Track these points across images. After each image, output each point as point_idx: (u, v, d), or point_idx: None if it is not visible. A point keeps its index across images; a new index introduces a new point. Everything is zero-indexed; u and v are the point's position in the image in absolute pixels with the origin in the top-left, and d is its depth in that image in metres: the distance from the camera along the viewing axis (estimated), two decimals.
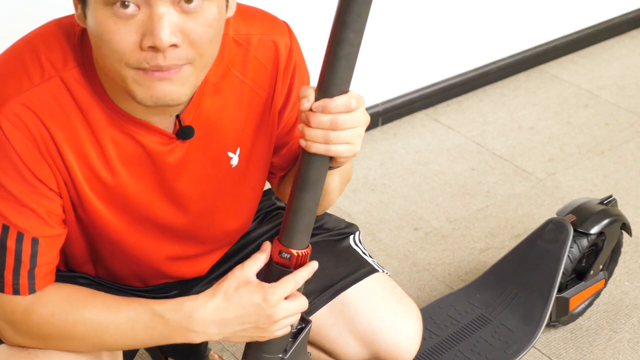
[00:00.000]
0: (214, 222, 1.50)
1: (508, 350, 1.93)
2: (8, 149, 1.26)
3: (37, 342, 1.36)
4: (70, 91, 1.28)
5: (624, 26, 3.45)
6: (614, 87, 3.14)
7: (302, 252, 1.36)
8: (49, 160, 1.29)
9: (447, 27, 2.94)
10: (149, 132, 1.34)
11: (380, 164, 2.74)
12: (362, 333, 1.60)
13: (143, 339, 1.35)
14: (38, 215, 1.30)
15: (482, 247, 2.41)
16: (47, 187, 1.30)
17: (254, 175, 1.49)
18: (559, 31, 3.27)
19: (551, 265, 2.03)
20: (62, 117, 1.29)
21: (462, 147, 2.82)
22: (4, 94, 1.26)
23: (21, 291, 1.32)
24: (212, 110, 1.38)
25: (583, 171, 2.71)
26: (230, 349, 2.09)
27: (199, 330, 1.34)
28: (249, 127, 1.43)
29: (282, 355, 1.43)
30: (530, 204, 2.57)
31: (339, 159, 1.31)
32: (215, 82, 1.37)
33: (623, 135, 2.88)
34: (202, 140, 1.39)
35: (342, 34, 1.20)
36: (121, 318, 1.33)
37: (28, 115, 1.26)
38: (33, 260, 1.32)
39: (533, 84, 3.16)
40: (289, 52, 1.42)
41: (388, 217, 2.52)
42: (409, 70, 2.91)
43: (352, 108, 1.26)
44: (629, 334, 2.14)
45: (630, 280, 2.29)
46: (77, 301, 1.34)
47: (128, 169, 1.35)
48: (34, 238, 1.31)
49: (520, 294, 2.04)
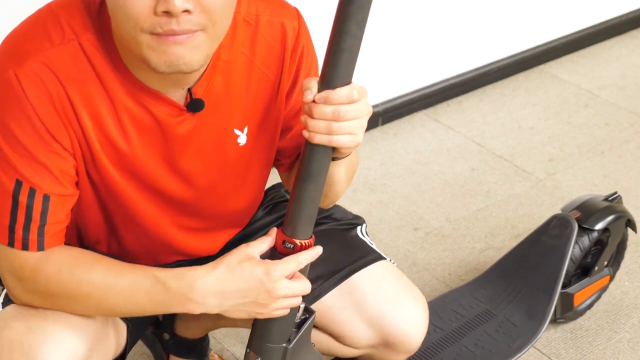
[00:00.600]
0: (219, 199, 1.52)
1: (512, 345, 1.94)
2: (26, 105, 1.30)
3: (43, 301, 1.38)
4: (88, 56, 1.32)
5: (624, 26, 3.45)
6: (614, 87, 3.14)
7: (306, 242, 1.37)
8: (64, 119, 1.33)
9: (447, 27, 2.94)
10: (161, 103, 1.37)
11: (380, 164, 2.74)
12: (371, 316, 1.62)
13: (144, 304, 1.37)
14: (51, 173, 1.33)
15: (482, 247, 2.41)
16: (61, 145, 1.34)
17: (260, 156, 1.51)
18: (559, 31, 3.27)
19: (555, 261, 2.04)
20: (79, 80, 1.32)
21: (462, 147, 2.82)
22: (24, 52, 1.30)
23: (30, 247, 1.35)
24: (223, 87, 1.41)
25: (583, 171, 2.71)
26: (230, 349, 2.09)
27: (199, 301, 1.36)
28: (257, 107, 1.46)
29: (285, 344, 1.44)
30: (530, 204, 2.57)
31: (341, 149, 1.33)
32: (227, 59, 1.40)
33: (623, 135, 2.88)
34: (211, 116, 1.42)
35: (344, 25, 1.22)
36: (124, 281, 1.36)
37: (46, 74, 1.30)
38: (43, 217, 1.35)
39: (533, 84, 3.16)
40: (297, 35, 1.45)
41: (388, 217, 2.52)
42: (409, 70, 2.91)
43: (354, 99, 1.28)
44: (629, 334, 2.14)
45: (630, 280, 2.29)
46: (83, 262, 1.37)
47: (139, 137, 1.39)
48: (46, 195, 1.34)
49: (525, 290, 2.05)
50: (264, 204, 1.72)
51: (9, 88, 1.30)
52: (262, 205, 1.71)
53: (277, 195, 1.74)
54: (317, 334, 1.66)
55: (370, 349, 1.67)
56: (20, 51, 1.31)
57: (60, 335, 1.38)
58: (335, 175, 1.47)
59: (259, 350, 1.44)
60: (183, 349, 1.91)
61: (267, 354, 1.44)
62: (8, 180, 1.32)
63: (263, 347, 1.44)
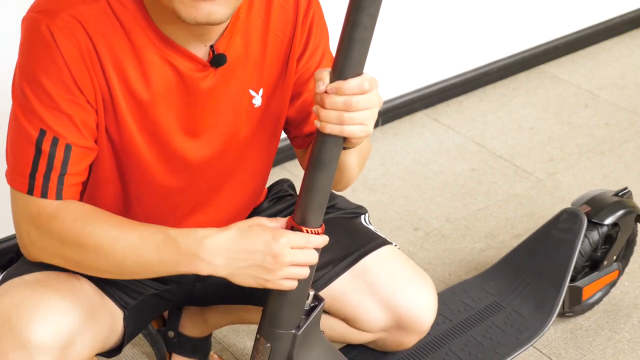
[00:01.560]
0: (227, 168, 1.55)
1: (520, 337, 1.95)
2: (56, 54, 1.35)
3: (56, 247, 1.41)
4: (116, 13, 1.37)
5: (624, 26, 3.45)
6: (614, 87, 3.14)
7: (316, 230, 1.39)
8: (92, 72, 1.37)
9: (447, 27, 2.94)
10: (185, 58, 1.42)
11: (380, 164, 2.74)
12: (383, 297, 1.66)
13: (152, 259, 1.39)
14: (74, 124, 1.38)
15: (482, 247, 2.41)
16: (85, 98, 1.38)
17: (270, 122, 1.55)
18: (559, 31, 3.27)
19: (564, 255, 2.05)
20: (107, 35, 1.37)
21: (462, 147, 2.82)
22: (57, 6, 1.36)
23: (49, 194, 1.39)
24: (242, 46, 1.46)
25: (583, 171, 2.71)
26: (230, 349, 2.09)
27: (206, 259, 1.37)
28: (272, 70, 1.51)
29: (295, 331, 1.46)
30: (530, 204, 2.57)
31: (352, 139, 1.35)
32: (245, 20, 1.45)
33: (623, 135, 2.89)
34: (231, 74, 1.46)
35: (356, 17, 1.25)
36: (135, 234, 1.39)
37: (77, 27, 1.35)
38: (64, 166, 1.39)
39: (533, 84, 3.16)
40: (309, 2, 1.51)
41: (388, 217, 2.52)
42: (409, 70, 2.91)
43: (365, 90, 1.31)
44: (629, 334, 2.14)
45: (630, 280, 2.29)
46: (98, 216, 1.41)
47: (163, 93, 1.43)
48: (68, 144, 1.38)
49: (534, 283, 2.06)
50: (269, 197, 1.76)
51: (41, 40, 1.35)
52: (267, 199, 1.75)
53: (282, 190, 1.78)
54: (329, 320, 1.69)
55: (383, 332, 1.69)
56: (52, 6, 1.36)
57: (48, 311, 1.40)
58: (348, 162, 1.50)
59: (268, 336, 1.46)
60: (187, 348, 1.92)
61: (277, 340, 1.46)
62: (32, 129, 1.37)
63: (272, 333, 1.46)
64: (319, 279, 1.64)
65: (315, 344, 1.52)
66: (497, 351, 1.91)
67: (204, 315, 1.88)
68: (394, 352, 1.78)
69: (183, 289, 1.67)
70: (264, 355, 1.47)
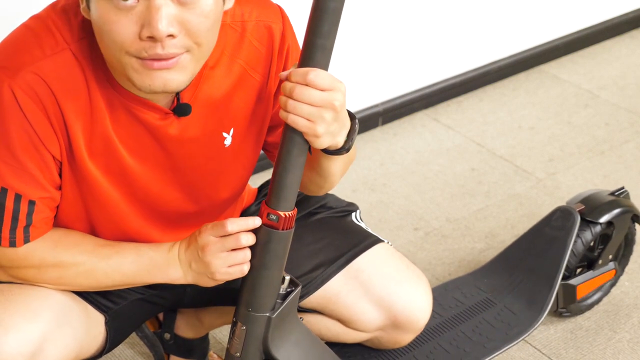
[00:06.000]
0: (203, 195, 1.55)
1: (510, 332, 1.96)
2: (20, 116, 1.32)
3: (34, 274, 1.44)
4: (81, 64, 1.34)
5: (624, 26, 3.45)
6: (614, 87, 3.14)
7: (289, 213, 1.41)
8: (56, 129, 1.35)
9: (447, 27, 2.94)
10: (148, 109, 1.39)
11: (380, 164, 2.74)
12: (378, 296, 1.65)
13: (129, 273, 1.46)
14: (37, 182, 1.37)
15: (482, 247, 2.41)
16: (51, 154, 1.37)
17: (247, 154, 1.54)
18: (559, 31, 3.27)
19: (557, 252, 2.05)
20: (70, 89, 1.34)
21: (462, 147, 2.82)
22: (18, 63, 1.32)
23: (17, 244, 1.40)
24: (210, 92, 1.43)
25: (583, 171, 2.71)
26: None
27: (176, 270, 1.46)
28: (244, 109, 1.48)
29: (269, 314, 1.47)
30: (530, 204, 2.57)
31: (307, 136, 1.34)
32: (213, 65, 1.42)
33: (623, 135, 2.88)
34: (197, 120, 1.44)
35: (316, 23, 1.29)
36: (112, 253, 1.46)
37: (39, 85, 1.32)
38: (29, 218, 1.39)
39: (533, 84, 3.16)
40: (282, 36, 1.48)
41: (388, 217, 2.52)
42: (409, 70, 2.91)
43: (309, 80, 1.30)
44: (629, 334, 2.14)
45: (630, 280, 2.29)
46: (73, 238, 1.46)
47: (128, 139, 1.41)
48: (31, 200, 1.38)
49: (527, 280, 2.06)
50: (259, 198, 1.76)
51: (4, 102, 1.32)
52: (256, 201, 1.75)
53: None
54: (325, 321, 1.68)
55: (379, 331, 1.69)
56: (14, 61, 1.33)
57: (13, 319, 1.41)
58: (332, 169, 1.50)
59: (244, 319, 1.48)
60: (184, 349, 1.92)
61: (251, 322, 1.48)
62: None
63: (247, 315, 1.47)
64: (312, 281, 1.63)
65: (293, 329, 1.53)
66: (486, 346, 1.92)
67: (199, 317, 1.88)
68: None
69: (173, 293, 1.67)
70: (240, 338, 1.49)
